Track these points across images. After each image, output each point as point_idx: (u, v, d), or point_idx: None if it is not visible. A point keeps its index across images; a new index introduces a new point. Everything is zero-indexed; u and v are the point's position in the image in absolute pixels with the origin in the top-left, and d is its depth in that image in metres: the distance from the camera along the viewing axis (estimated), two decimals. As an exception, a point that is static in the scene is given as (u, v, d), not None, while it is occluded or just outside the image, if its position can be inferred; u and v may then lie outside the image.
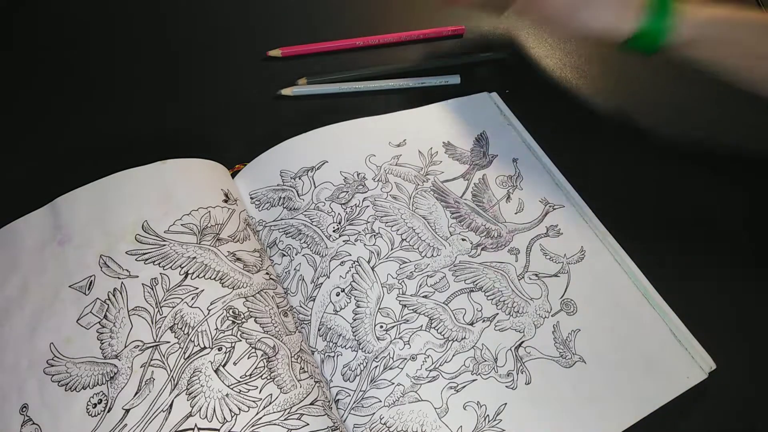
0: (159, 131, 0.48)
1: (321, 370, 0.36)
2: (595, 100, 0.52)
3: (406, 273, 0.40)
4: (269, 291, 0.37)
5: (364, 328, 0.37)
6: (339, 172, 0.44)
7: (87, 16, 0.56)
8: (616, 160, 0.48)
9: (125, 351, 0.34)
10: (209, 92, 0.51)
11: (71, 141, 0.47)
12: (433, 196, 0.44)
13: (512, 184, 0.45)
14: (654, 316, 0.39)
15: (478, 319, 0.38)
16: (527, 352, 0.37)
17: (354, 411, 0.35)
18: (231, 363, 0.34)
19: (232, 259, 0.38)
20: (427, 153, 0.46)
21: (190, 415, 0.32)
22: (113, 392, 0.32)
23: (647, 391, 0.36)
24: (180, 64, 0.53)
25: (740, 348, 0.39)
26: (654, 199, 0.46)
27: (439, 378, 0.36)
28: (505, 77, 0.54)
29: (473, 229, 0.42)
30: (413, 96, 0.51)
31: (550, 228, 0.43)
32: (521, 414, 0.35)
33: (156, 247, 0.37)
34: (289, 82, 0.51)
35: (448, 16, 0.58)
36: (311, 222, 0.41)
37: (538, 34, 0.57)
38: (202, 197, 0.40)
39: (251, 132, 0.48)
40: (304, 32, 0.55)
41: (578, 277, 0.40)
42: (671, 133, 0.50)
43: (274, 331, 0.36)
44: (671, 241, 0.44)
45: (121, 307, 0.35)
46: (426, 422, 0.34)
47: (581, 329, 0.38)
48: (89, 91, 0.51)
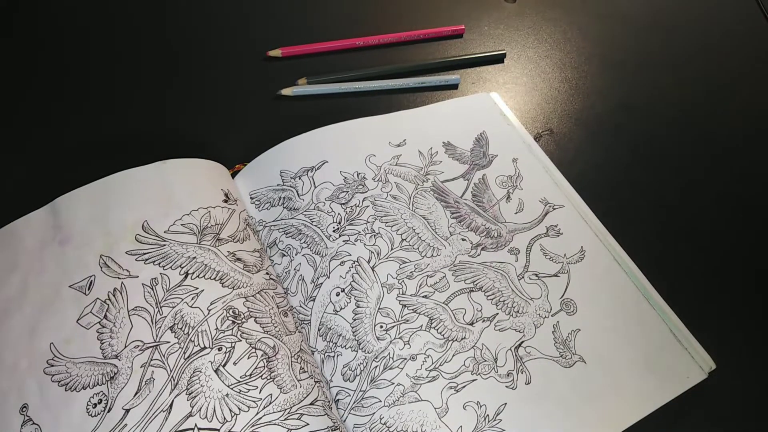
0: (159, 131, 0.48)
1: (321, 370, 0.36)
2: (594, 100, 0.52)
3: (406, 273, 0.40)
4: (269, 291, 0.37)
5: (364, 328, 0.37)
6: (339, 172, 0.44)
7: (87, 16, 0.56)
8: (616, 160, 0.48)
9: (125, 351, 0.34)
10: (209, 92, 0.51)
11: (71, 141, 0.47)
12: (433, 196, 0.44)
13: (512, 184, 0.45)
14: (654, 316, 0.39)
15: (478, 319, 0.38)
16: (527, 352, 0.37)
17: (354, 411, 0.35)
18: (231, 363, 0.34)
19: (232, 259, 0.38)
20: (427, 153, 0.46)
21: (190, 415, 0.32)
22: (113, 392, 0.32)
23: (647, 391, 0.36)
24: (180, 64, 0.53)
25: (740, 348, 0.39)
26: (654, 199, 0.46)
27: (439, 378, 0.36)
28: (505, 77, 0.54)
29: (473, 229, 0.42)
30: (413, 96, 0.52)
31: (550, 228, 0.43)
32: (521, 414, 0.35)
33: (156, 247, 0.37)
34: (289, 82, 0.51)
35: (448, 16, 0.58)
36: (311, 222, 0.41)
37: (538, 34, 0.58)
38: (202, 197, 0.40)
39: (251, 132, 0.48)
40: (304, 32, 0.56)
41: (578, 277, 0.40)
42: (671, 133, 0.50)
43: (274, 331, 0.36)
44: (671, 241, 0.44)
45: (121, 307, 0.35)
46: (426, 422, 0.34)
47: (581, 329, 0.38)
48: (89, 91, 0.51)
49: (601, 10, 0.60)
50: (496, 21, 0.58)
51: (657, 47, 0.57)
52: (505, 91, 0.53)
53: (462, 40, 0.57)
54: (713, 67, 0.55)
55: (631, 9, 0.60)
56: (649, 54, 0.56)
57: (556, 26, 0.58)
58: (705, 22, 0.59)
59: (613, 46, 0.57)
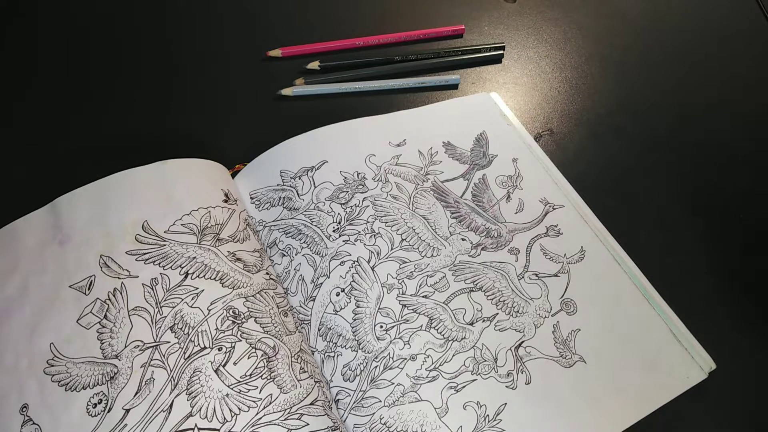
0: (159, 131, 0.48)
1: (321, 370, 0.36)
2: (594, 100, 0.52)
3: (406, 273, 0.40)
4: (269, 291, 0.37)
5: (364, 328, 0.37)
6: (339, 172, 0.44)
7: (87, 16, 0.56)
8: (616, 160, 0.48)
9: (125, 351, 0.34)
10: (209, 92, 0.51)
11: (71, 141, 0.47)
12: (433, 195, 0.44)
13: (512, 184, 0.45)
14: (654, 316, 0.39)
15: (478, 319, 0.38)
16: (527, 352, 0.37)
17: (354, 411, 0.35)
18: (231, 363, 0.34)
19: (232, 259, 0.38)
20: (427, 153, 0.46)
21: (190, 415, 0.32)
22: (113, 392, 0.32)
23: (647, 391, 0.36)
24: (180, 64, 0.53)
25: (740, 348, 0.39)
26: (654, 198, 0.46)
27: (439, 378, 0.36)
28: (505, 77, 0.54)
29: (473, 229, 0.42)
30: (413, 96, 0.52)
31: (550, 228, 0.43)
32: (521, 414, 0.35)
33: (156, 247, 0.37)
34: (289, 82, 0.51)
35: (448, 16, 0.58)
36: (311, 222, 0.41)
37: (538, 34, 0.58)
38: (202, 197, 0.40)
39: (251, 132, 0.48)
40: (304, 32, 0.56)
41: (578, 277, 0.40)
42: (671, 133, 0.50)
43: (274, 331, 0.36)
44: (671, 241, 0.44)
45: (121, 307, 0.35)
46: (426, 422, 0.34)
47: (581, 329, 0.38)
48: (89, 91, 0.51)
49: (601, 9, 0.60)
50: (496, 21, 0.58)
51: (657, 47, 0.57)
52: (505, 91, 0.53)
53: (462, 41, 0.56)
54: (713, 67, 0.55)
55: (631, 9, 0.60)
56: (649, 54, 0.56)
57: (556, 26, 0.58)
58: (705, 22, 0.59)
59: (613, 46, 0.57)
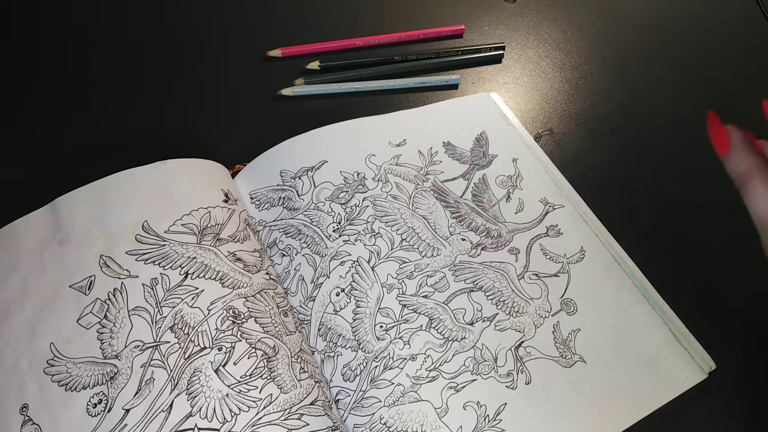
0: (159, 131, 0.48)
1: (321, 370, 0.36)
2: (594, 100, 0.52)
3: (406, 273, 0.40)
4: (269, 291, 0.37)
5: (364, 328, 0.37)
6: (339, 172, 0.44)
7: (87, 16, 0.56)
8: (616, 160, 0.48)
9: (125, 351, 0.34)
10: (209, 92, 0.51)
11: (71, 141, 0.47)
12: (433, 196, 0.44)
13: (512, 184, 0.45)
14: (654, 316, 0.39)
15: (478, 319, 0.38)
16: (527, 352, 0.37)
17: (354, 411, 0.35)
18: (231, 363, 0.34)
19: (232, 259, 0.38)
20: (427, 153, 0.46)
21: (190, 415, 0.32)
22: (113, 392, 0.32)
23: (647, 391, 0.36)
24: (180, 64, 0.53)
25: (740, 348, 0.39)
26: (654, 199, 0.46)
27: (439, 378, 0.36)
28: (506, 77, 0.54)
29: (473, 229, 0.42)
30: (413, 96, 0.52)
31: (550, 228, 0.43)
32: (521, 414, 0.35)
33: (156, 247, 0.37)
34: (289, 82, 0.51)
35: (448, 16, 0.58)
36: (311, 222, 0.41)
37: (538, 34, 0.57)
38: (202, 197, 0.40)
39: (251, 132, 0.48)
40: (304, 32, 0.55)
41: (578, 277, 0.40)
42: (671, 133, 0.50)
43: (274, 331, 0.36)
44: (671, 241, 0.44)
45: (121, 307, 0.35)
46: (426, 422, 0.34)
47: (581, 329, 0.38)
48: (89, 91, 0.51)
49: (602, 9, 0.60)
50: (496, 21, 0.58)
51: (657, 47, 0.57)
52: (505, 91, 0.53)
53: (462, 41, 0.56)
54: (713, 67, 0.55)
55: (631, 9, 0.60)
56: (649, 54, 0.56)
57: (556, 26, 0.58)
58: (705, 22, 0.59)
59: (613, 46, 0.57)
